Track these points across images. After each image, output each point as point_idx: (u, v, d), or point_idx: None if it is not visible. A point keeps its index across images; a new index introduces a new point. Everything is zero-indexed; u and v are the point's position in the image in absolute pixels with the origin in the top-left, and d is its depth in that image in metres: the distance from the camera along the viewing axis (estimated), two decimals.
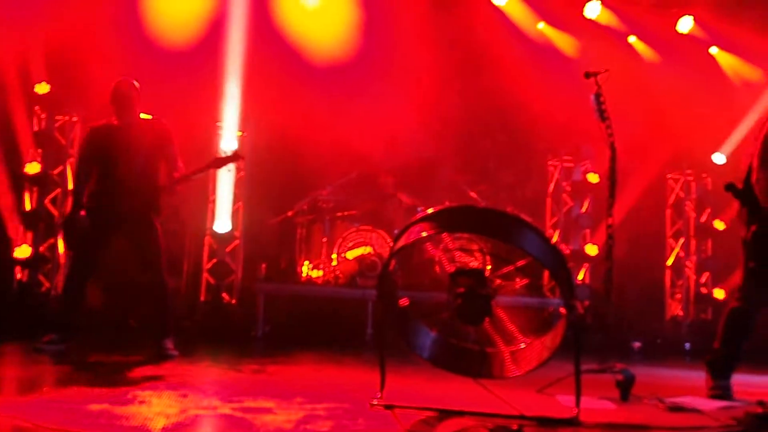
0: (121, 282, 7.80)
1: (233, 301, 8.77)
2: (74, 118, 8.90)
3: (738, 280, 5.05)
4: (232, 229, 8.90)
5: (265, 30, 9.04)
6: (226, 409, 3.68)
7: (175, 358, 5.65)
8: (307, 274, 8.83)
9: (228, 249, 8.91)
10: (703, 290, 10.70)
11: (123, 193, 5.78)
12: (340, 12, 9.36)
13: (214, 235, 8.86)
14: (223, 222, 8.85)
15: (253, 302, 8.26)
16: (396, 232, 8.34)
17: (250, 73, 8.76)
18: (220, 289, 8.71)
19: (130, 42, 8.33)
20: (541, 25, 10.31)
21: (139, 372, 4.99)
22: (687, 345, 9.76)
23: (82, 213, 5.80)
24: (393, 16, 9.11)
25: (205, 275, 8.86)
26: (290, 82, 8.85)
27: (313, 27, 9.28)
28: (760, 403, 3.97)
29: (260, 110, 8.98)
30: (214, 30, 8.82)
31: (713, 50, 10.87)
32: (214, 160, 6.03)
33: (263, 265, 8.68)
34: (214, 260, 8.85)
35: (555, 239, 10.05)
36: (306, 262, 8.92)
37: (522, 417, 3.67)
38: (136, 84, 5.94)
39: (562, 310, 3.88)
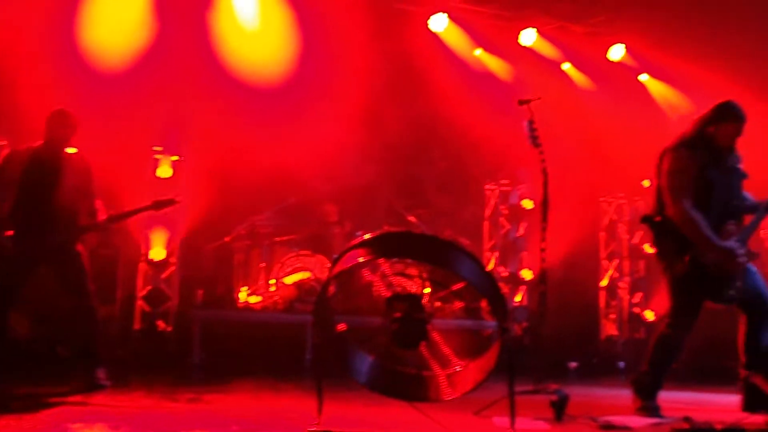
0: (48, 311, 7.58)
1: (168, 329, 8.61)
2: (2, 143, 8.68)
3: (667, 305, 5.16)
4: (167, 255, 8.77)
5: (204, 53, 8.98)
6: None
7: (107, 387, 5.51)
8: (245, 300, 8.75)
9: (163, 275, 8.77)
10: (636, 310, 10.96)
11: (47, 222, 5.66)
12: (280, 36, 9.36)
13: (149, 261, 8.72)
14: (158, 248, 8.72)
15: (189, 329, 8.13)
16: (335, 257, 8.35)
17: (187, 96, 8.68)
18: (155, 317, 8.55)
19: (63, 66, 8.18)
20: (478, 52, 10.48)
21: (69, 403, 4.86)
22: (621, 364, 9.97)
23: (6, 234, 5.58)
24: (332, 40, 9.14)
25: (140, 302, 8.68)
26: (229, 106, 8.80)
27: (253, 50, 9.26)
28: (686, 419, 4.07)
29: (198, 134, 8.90)
30: (152, 53, 8.72)
31: (643, 77, 11.20)
32: (154, 203, 5.96)
33: (200, 292, 8.57)
34: (149, 287, 8.69)
35: (493, 262, 10.17)
36: (244, 288, 8.84)
37: None
38: (74, 119, 5.85)
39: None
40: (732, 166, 5.01)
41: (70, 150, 5.88)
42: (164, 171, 8.84)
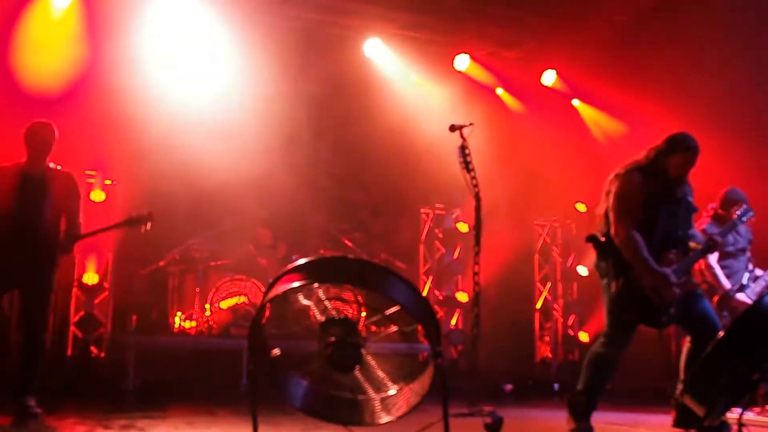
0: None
1: (102, 355, 8.46)
2: None
3: (602, 325, 5.28)
4: (100, 281, 8.62)
5: (137, 75, 8.90)
6: None
7: (39, 416, 5.39)
8: (180, 325, 8.65)
9: (96, 301, 8.61)
10: (570, 332, 11.15)
11: (24, 242, 5.40)
12: (218, 57, 9.33)
13: (82, 286, 8.56)
14: (91, 272, 8.57)
15: (123, 355, 8.00)
16: (270, 281, 8.32)
17: (122, 119, 8.58)
18: (88, 343, 8.40)
19: None
20: (413, 77, 10.61)
21: None
22: (556, 386, 10.11)
23: None
24: (268, 65, 9.15)
25: (72, 328, 8.52)
26: (161, 129, 8.70)
27: (185, 72, 9.20)
28: None
29: (131, 158, 8.79)
30: (87, 76, 8.61)
31: (575, 102, 11.47)
32: (127, 219, 5.72)
33: (134, 317, 8.44)
34: (82, 312, 8.53)
35: (428, 285, 10.25)
36: (178, 313, 8.73)
37: None
38: (55, 130, 5.62)
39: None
40: (681, 198, 5.16)
41: (53, 165, 5.67)
42: (97, 195, 8.71)
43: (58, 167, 5.69)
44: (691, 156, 5.07)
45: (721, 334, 4.33)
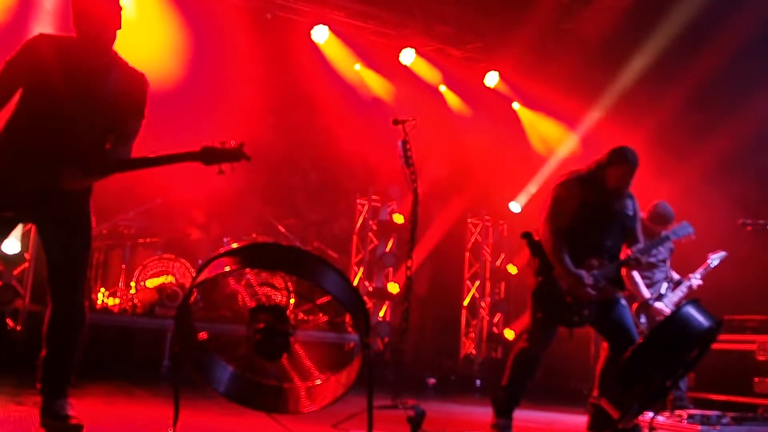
0: None
1: (18, 328, 8.20)
2: None
3: (526, 323, 5.39)
4: (21, 250, 8.33)
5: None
6: None
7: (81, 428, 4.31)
8: (103, 302, 8.45)
9: (15, 272, 8.34)
10: (495, 330, 11.30)
11: (49, 158, 3.76)
12: (159, 35, 9.12)
13: (1, 255, 8.27)
14: (12, 242, 8.28)
15: (40, 330, 7.75)
16: (200, 262, 8.20)
17: None
18: (4, 315, 8.12)
19: None
20: (358, 67, 10.57)
21: None
22: (478, 382, 10.24)
23: None
24: (213, 43, 9.00)
25: None
26: None
27: (132, 48, 8.96)
28: None
29: None
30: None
31: (515, 105, 11.60)
32: (203, 150, 3.91)
33: None
34: (0, 282, 8.26)
35: (359, 276, 10.26)
36: (102, 289, 8.53)
37: None
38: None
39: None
40: (618, 210, 5.27)
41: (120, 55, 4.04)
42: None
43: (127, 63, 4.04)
44: (628, 169, 5.19)
45: (639, 341, 4.47)
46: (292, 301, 6.48)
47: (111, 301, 8.42)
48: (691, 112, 9.44)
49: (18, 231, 8.28)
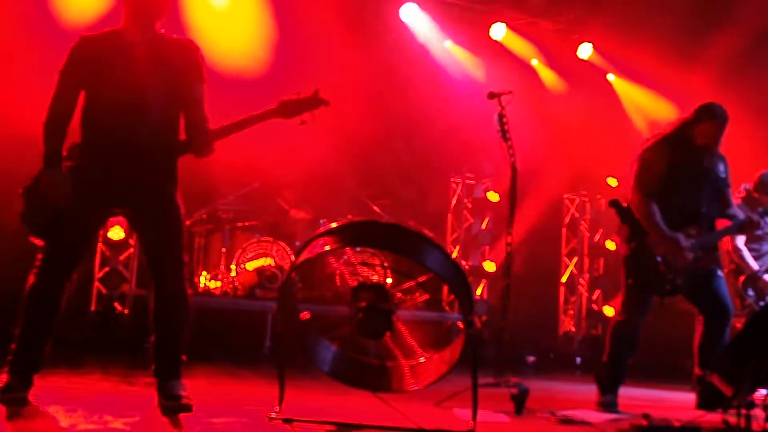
0: None
1: (125, 312, 8.49)
2: None
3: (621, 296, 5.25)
4: (126, 236, 8.60)
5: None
6: (117, 424, 3.55)
7: (191, 408, 4.07)
8: (205, 285, 8.66)
9: (121, 257, 8.63)
10: (594, 307, 11.08)
11: (129, 146, 3.86)
12: (249, 22, 9.21)
13: (107, 242, 8.56)
14: (116, 229, 8.56)
15: (146, 313, 7.98)
16: (297, 244, 8.29)
17: None
18: (112, 299, 8.42)
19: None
20: (448, 44, 10.45)
21: None
22: (578, 359, 10.08)
23: (62, 171, 3.83)
24: (302, 29, 9.04)
25: (96, 284, 8.54)
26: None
27: (222, 35, 9.09)
28: (645, 416, 4.13)
29: None
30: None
31: (611, 77, 11.28)
32: (280, 105, 4.06)
33: None
34: (107, 268, 8.55)
35: (455, 255, 10.20)
36: (204, 273, 8.74)
37: (420, 430, 3.69)
38: None
39: (461, 324, 3.92)
40: (709, 169, 5.06)
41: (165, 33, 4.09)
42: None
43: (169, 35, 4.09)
44: (718, 124, 4.98)
45: (753, 314, 4.31)
46: (389, 280, 6.48)
47: (213, 284, 8.62)
48: None
49: (119, 219, 8.54)
